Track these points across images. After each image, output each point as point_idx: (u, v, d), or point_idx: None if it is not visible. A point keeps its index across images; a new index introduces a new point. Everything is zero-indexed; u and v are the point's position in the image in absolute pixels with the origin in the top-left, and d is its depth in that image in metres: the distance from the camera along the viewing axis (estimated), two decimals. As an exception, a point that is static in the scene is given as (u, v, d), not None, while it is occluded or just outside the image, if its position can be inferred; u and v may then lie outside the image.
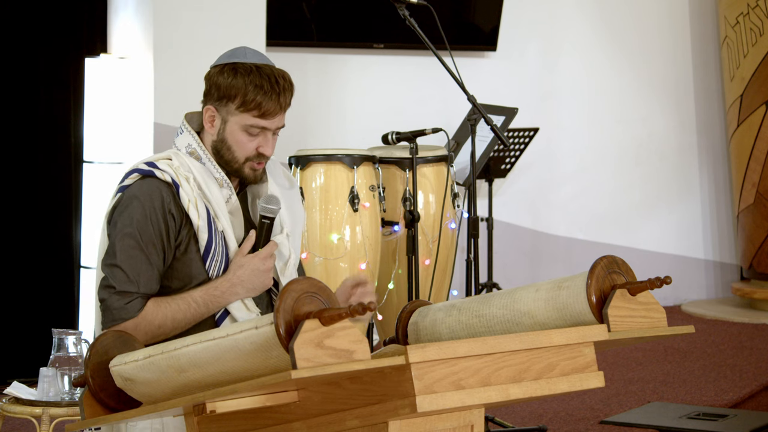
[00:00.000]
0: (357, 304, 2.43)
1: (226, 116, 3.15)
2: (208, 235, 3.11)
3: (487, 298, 2.94)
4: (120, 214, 3.10)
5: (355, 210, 5.16)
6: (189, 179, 3.12)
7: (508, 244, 7.78)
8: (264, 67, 3.14)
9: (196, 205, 3.11)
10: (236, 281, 3.12)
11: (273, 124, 3.15)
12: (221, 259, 3.13)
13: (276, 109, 3.13)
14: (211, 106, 3.16)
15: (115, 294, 3.05)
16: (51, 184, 6.25)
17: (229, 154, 3.17)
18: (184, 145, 3.20)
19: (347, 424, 2.55)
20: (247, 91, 3.10)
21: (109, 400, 2.85)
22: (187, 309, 3.09)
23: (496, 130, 4.93)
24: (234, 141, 3.15)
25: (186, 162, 3.15)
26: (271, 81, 3.11)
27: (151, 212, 3.07)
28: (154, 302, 3.08)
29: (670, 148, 8.34)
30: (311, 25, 7.21)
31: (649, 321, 2.86)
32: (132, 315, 3.05)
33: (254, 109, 3.11)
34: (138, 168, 3.13)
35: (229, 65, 3.14)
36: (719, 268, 8.48)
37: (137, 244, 3.06)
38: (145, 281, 3.07)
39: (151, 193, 3.09)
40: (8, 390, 4.31)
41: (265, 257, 3.16)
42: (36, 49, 6.19)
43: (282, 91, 3.13)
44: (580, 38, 8.05)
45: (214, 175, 3.17)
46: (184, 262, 3.12)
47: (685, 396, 5.82)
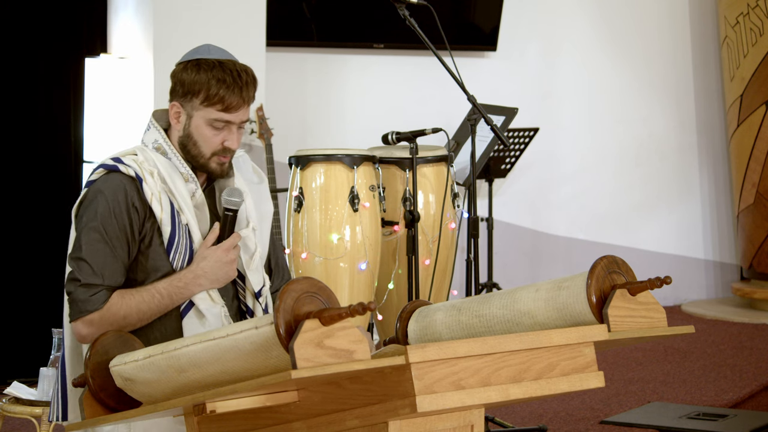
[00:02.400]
0: (357, 304, 2.43)
1: (191, 111, 3.20)
2: (171, 228, 3.16)
3: (487, 298, 2.94)
4: (85, 209, 3.16)
5: (355, 210, 5.15)
6: (153, 173, 3.18)
7: (508, 244, 7.78)
8: (227, 62, 3.19)
9: (160, 198, 3.16)
10: (200, 273, 3.17)
11: (237, 118, 3.20)
12: (185, 251, 3.18)
13: (239, 102, 3.18)
14: (177, 102, 3.22)
15: (80, 287, 3.11)
16: (51, 184, 6.25)
17: (195, 149, 3.22)
18: (150, 141, 3.26)
19: (347, 424, 2.55)
20: (210, 85, 3.16)
21: (109, 400, 2.86)
22: (151, 300, 3.14)
23: (496, 130, 4.93)
24: (199, 136, 3.20)
25: (151, 157, 3.21)
26: (234, 75, 3.17)
27: (115, 206, 3.13)
28: (119, 294, 3.13)
29: (670, 148, 8.34)
30: (311, 25, 7.21)
31: (649, 321, 2.86)
32: (97, 307, 3.10)
33: (218, 103, 3.17)
34: (104, 163, 3.19)
35: (193, 61, 3.20)
36: (719, 268, 8.47)
37: (102, 237, 3.12)
38: (110, 274, 3.12)
39: (114, 187, 3.15)
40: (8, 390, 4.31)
41: (228, 249, 3.20)
42: (36, 49, 6.19)
43: (244, 84, 3.18)
44: (580, 38, 8.05)
45: (180, 169, 3.22)
46: (148, 254, 3.17)
47: (685, 396, 5.82)
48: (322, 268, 5.13)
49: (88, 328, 3.11)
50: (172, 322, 3.17)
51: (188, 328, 3.16)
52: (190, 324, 3.16)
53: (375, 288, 5.27)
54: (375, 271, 5.22)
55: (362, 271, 5.15)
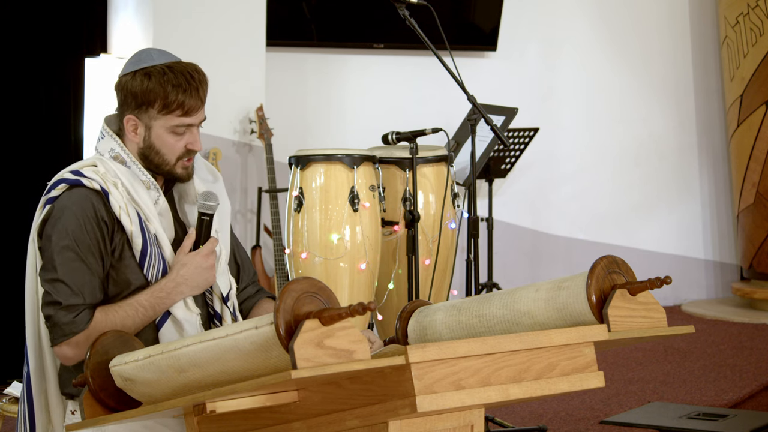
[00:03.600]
0: (357, 304, 2.43)
1: (149, 122, 3.11)
2: (143, 239, 3.09)
3: (487, 298, 2.94)
4: (53, 227, 3.06)
5: (355, 210, 5.15)
6: (117, 185, 3.09)
7: (508, 244, 7.78)
8: (175, 65, 3.11)
9: (127, 210, 3.08)
10: (180, 280, 3.11)
11: (197, 119, 3.13)
12: (158, 261, 3.11)
13: (197, 104, 3.11)
14: (131, 115, 3.12)
15: (61, 309, 3.02)
16: (51, 184, 6.25)
17: (159, 158, 3.14)
18: (107, 150, 3.16)
19: (347, 424, 2.55)
20: (167, 92, 3.07)
21: (109, 400, 2.85)
22: (135, 314, 3.07)
23: (496, 130, 4.93)
24: (162, 144, 3.12)
25: (111, 167, 3.12)
26: (187, 77, 3.09)
27: (85, 221, 3.04)
28: (102, 311, 3.06)
29: (670, 148, 8.34)
30: (311, 25, 7.21)
31: (649, 321, 2.86)
32: (82, 328, 3.02)
33: (177, 109, 3.09)
34: (64, 178, 3.10)
35: (140, 71, 3.10)
36: (719, 268, 8.47)
37: (76, 255, 3.03)
38: (90, 291, 3.04)
39: (81, 202, 3.05)
40: (8, 390, 4.31)
41: (207, 254, 3.15)
42: (36, 49, 6.19)
43: (199, 84, 3.11)
44: (580, 38, 8.05)
45: (141, 178, 3.14)
46: (120, 268, 3.09)
47: (685, 396, 5.82)
48: (322, 268, 5.13)
49: (74, 350, 3.03)
50: (148, 333, 3.11)
51: (165, 338, 3.09)
52: (167, 334, 3.10)
53: (375, 288, 5.27)
54: (375, 271, 5.22)
55: (362, 271, 5.14)
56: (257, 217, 6.93)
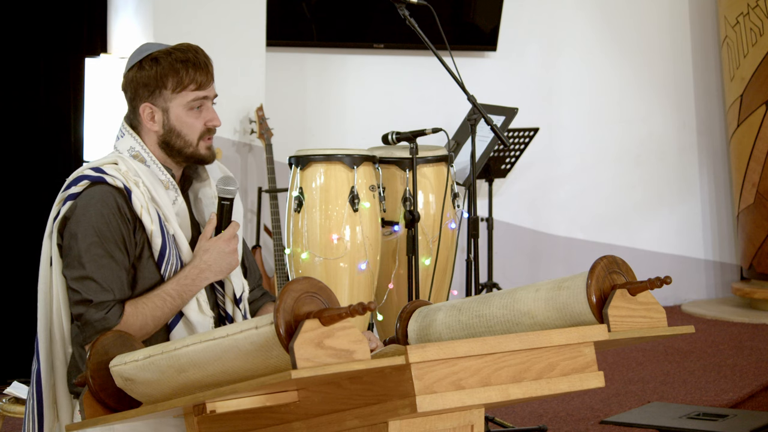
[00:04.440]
0: (357, 304, 2.43)
1: (165, 104, 3.14)
2: (162, 239, 3.10)
3: (487, 298, 2.94)
4: (78, 225, 3.06)
5: (355, 210, 5.15)
6: (139, 184, 3.10)
7: (508, 244, 7.78)
8: (177, 46, 3.15)
9: (148, 209, 3.09)
10: (204, 266, 3.12)
11: (210, 92, 3.17)
12: (176, 262, 3.12)
13: (208, 77, 3.15)
14: (146, 103, 3.14)
15: (92, 307, 3.02)
16: (51, 184, 6.25)
17: (181, 141, 3.16)
18: (126, 149, 3.17)
19: (347, 424, 2.55)
20: (177, 69, 3.11)
21: (109, 400, 2.85)
22: (164, 304, 3.08)
23: (496, 130, 4.93)
24: (183, 124, 3.15)
25: (132, 166, 3.13)
26: (193, 53, 3.13)
27: (110, 216, 3.05)
28: (132, 305, 3.06)
29: (670, 148, 8.34)
30: (311, 25, 7.21)
31: (649, 321, 2.86)
32: (114, 323, 3.02)
33: (190, 83, 3.12)
34: (86, 175, 3.11)
35: (146, 58, 3.14)
36: (719, 268, 8.47)
37: (104, 251, 3.04)
38: (119, 287, 3.05)
39: (105, 198, 3.06)
40: (8, 390, 4.31)
41: (228, 239, 3.16)
42: (36, 49, 6.19)
43: (205, 59, 3.15)
44: (580, 38, 8.05)
45: (160, 177, 3.15)
46: (139, 267, 3.10)
47: (685, 396, 5.82)
48: (322, 268, 5.13)
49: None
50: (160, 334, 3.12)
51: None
52: (178, 336, 3.10)
53: (375, 288, 5.27)
54: (375, 271, 5.22)
55: (362, 271, 5.14)
56: (257, 217, 6.93)
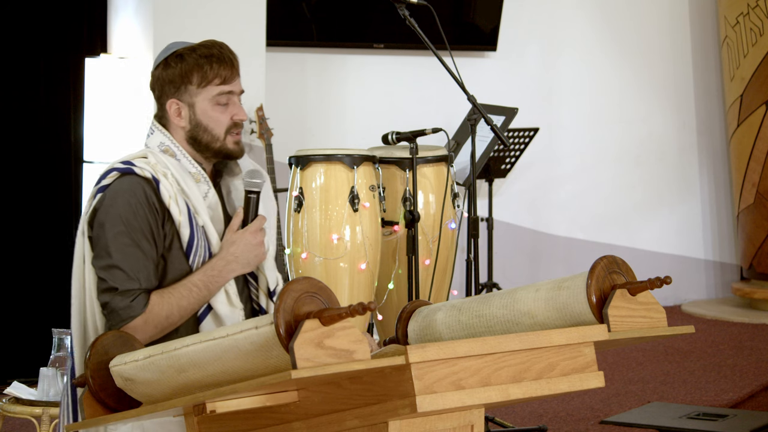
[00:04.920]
0: (357, 304, 2.43)
1: (191, 99, 3.18)
2: (190, 230, 3.12)
3: (487, 298, 2.94)
4: (106, 214, 3.08)
5: (355, 210, 5.15)
6: (167, 175, 3.13)
7: (508, 244, 7.78)
8: (202, 42, 3.20)
9: (176, 200, 3.12)
10: (231, 258, 3.14)
11: (236, 87, 3.20)
12: (204, 253, 3.14)
13: (233, 71, 3.19)
14: (173, 99, 3.19)
15: (117, 295, 3.04)
16: (51, 184, 6.25)
17: (208, 135, 3.19)
18: (156, 144, 3.22)
19: (347, 424, 2.55)
20: (201, 64, 3.15)
21: (109, 400, 2.85)
22: (189, 294, 3.09)
23: (496, 130, 4.93)
24: (208, 119, 3.18)
25: (162, 159, 3.17)
26: (217, 48, 3.18)
27: (138, 207, 3.08)
28: (158, 294, 3.08)
29: (670, 148, 8.34)
30: (311, 25, 7.21)
31: (649, 321, 2.86)
32: (139, 312, 3.04)
33: (215, 77, 3.16)
34: (115, 167, 3.14)
35: (171, 56, 3.19)
36: (719, 268, 8.47)
37: (131, 240, 3.06)
38: (145, 276, 3.07)
39: (133, 188, 3.09)
40: (8, 390, 4.31)
41: (255, 231, 3.18)
42: (36, 49, 6.19)
43: (230, 53, 3.20)
44: (580, 38, 8.05)
45: (190, 170, 3.18)
46: (168, 258, 3.12)
47: (685, 396, 5.82)
48: (322, 268, 5.13)
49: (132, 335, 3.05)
50: (189, 328, 3.13)
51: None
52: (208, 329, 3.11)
53: (375, 288, 5.27)
54: (375, 271, 5.22)
55: (362, 271, 5.14)
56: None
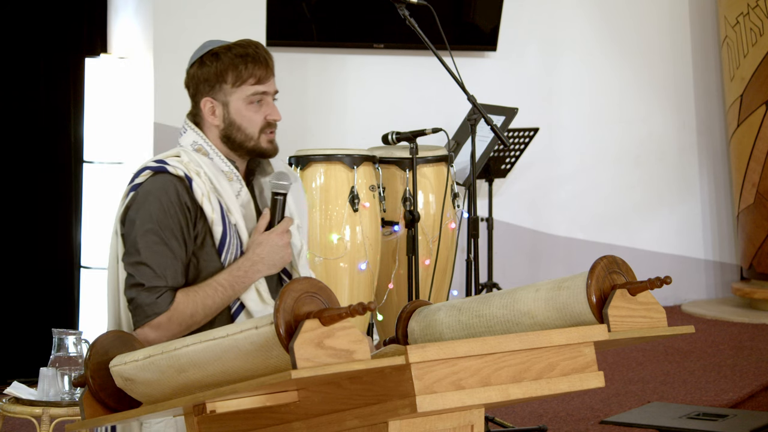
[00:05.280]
0: (357, 304, 2.43)
1: (226, 98, 3.20)
2: (223, 228, 3.15)
3: (487, 298, 2.94)
4: (137, 212, 3.12)
5: (355, 210, 5.16)
6: (200, 174, 3.16)
7: (508, 244, 7.78)
8: (238, 41, 3.23)
9: (209, 198, 3.14)
10: (257, 259, 3.16)
11: (270, 88, 3.23)
12: (236, 250, 3.17)
13: (267, 72, 3.22)
14: (207, 97, 3.21)
15: (144, 291, 3.07)
16: (51, 184, 6.25)
17: (241, 134, 3.21)
18: (189, 143, 3.24)
19: (347, 424, 2.55)
20: (236, 64, 3.18)
21: (109, 400, 2.85)
22: (215, 294, 3.12)
23: (496, 130, 4.93)
24: (242, 118, 3.20)
25: (195, 158, 3.19)
26: (253, 48, 3.21)
27: (169, 206, 3.10)
28: (183, 293, 3.10)
29: (670, 148, 8.34)
30: (311, 24, 7.21)
31: (649, 321, 2.86)
32: (164, 309, 3.07)
33: (249, 77, 3.19)
34: (148, 165, 3.17)
35: (206, 54, 3.22)
36: (719, 268, 8.47)
37: (160, 239, 3.09)
38: (172, 274, 3.10)
39: (165, 187, 3.12)
40: (8, 390, 4.31)
41: (281, 233, 3.20)
42: (36, 49, 6.19)
43: (266, 54, 3.23)
44: (580, 38, 8.05)
45: (223, 169, 3.21)
46: (201, 256, 3.15)
47: (685, 396, 5.82)
48: (322, 268, 5.13)
49: (155, 332, 3.07)
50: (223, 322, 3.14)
51: None
52: None
53: (375, 288, 5.27)
54: (375, 271, 5.22)
55: (362, 271, 5.15)
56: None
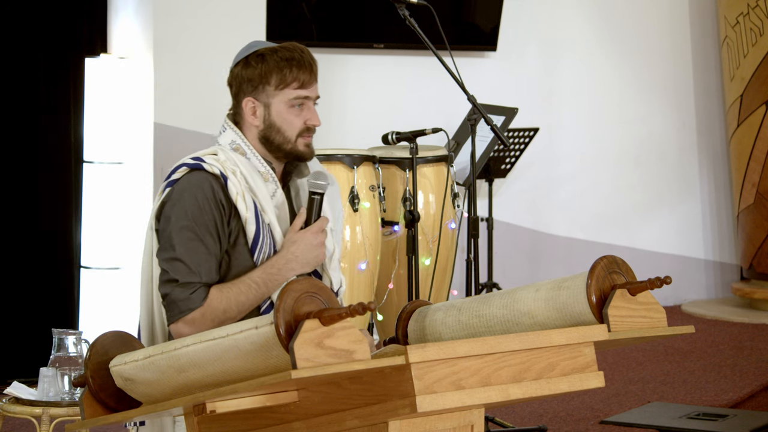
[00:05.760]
0: (357, 304, 2.43)
1: (268, 100, 3.23)
2: (256, 227, 3.16)
3: (487, 298, 2.94)
4: (172, 208, 3.14)
5: (355, 210, 5.16)
6: (236, 172, 3.18)
7: (508, 244, 7.78)
8: (285, 44, 3.26)
9: (244, 197, 3.16)
10: (291, 257, 3.17)
11: (312, 93, 3.25)
12: (268, 250, 3.18)
13: (311, 77, 3.24)
14: (250, 97, 3.24)
15: (178, 287, 3.09)
16: (51, 184, 6.25)
17: (280, 136, 3.23)
18: (227, 142, 3.26)
19: (347, 424, 2.55)
20: (281, 67, 3.21)
21: (109, 400, 2.85)
22: (248, 290, 3.13)
23: (496, 130, 4.93)
24: (282, 121, 3.22)
25: (232, 157, 3.21)
26: (298, 53, 3.24)
27: (204, 202, 3.13)
28: (217, 289, 3.12)
29: (670, 148, 8.34)
30: (311, 24, 7.21)
31: (649, 321, 2.86)
32: (198, 304, 3.09)
33: (293, 81, 3.21)
34: (185, 162, 3.19)
35: (252, 55, 3.25)
36: (719, 268, 8.47)
37: (195, 235, 3.11)
38: (207, 271, 3.11)
39: (201, 184, 3.14)
40: (8, 390, 4.31)
41: (316, 232, 3.21)
42: (36, 49, 6.19)
43: (311, 59, 3.26)
44: (580, 38, 8.05)
45: (259, 169, 3.23)
46: (233, 254, 3.16)
47: (685, 396, 5.82)
48: (322, 268, 5.12)
49: (189, 327, 3.08)
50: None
51: None
52: None
53: (375, 288, 5.27)
54: (375, 271, 5.22)
55: (362, 271, 5.15)
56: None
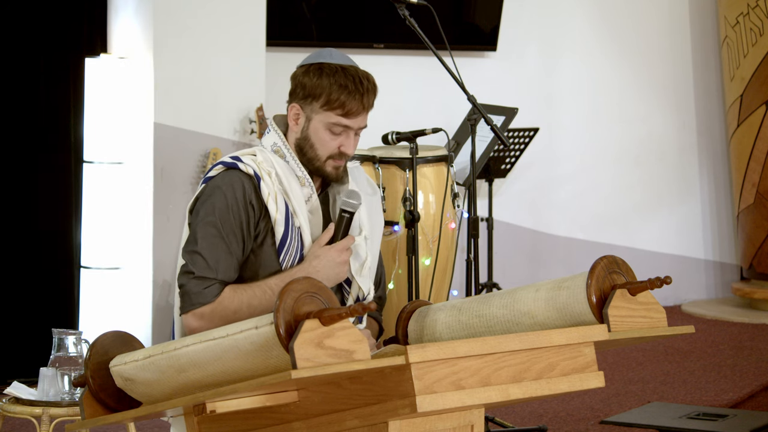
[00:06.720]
0: (357, 304, 2.43)
1: (311, 114, 3.23)
2: (285, 228, 3.17)
3: (487, 298, 2.94)
4: (203, 204, 3.17)
5: (355, 210, 5.14)
6: (271, 174, 3.19)
7: (508, 244, 7.78)
8: (349, 68, 3.26)
9: (276, 198, 3.17)
10: (312, 271, 3.17)
11: (356, 124, 3.25)
12: (296, 253, 3.19)
13: (359, 108, 3.23)
14: (297, 104, 3.25)
15: (193, 279, 3.10)
16: (51, 184, 6.25)
17: (312, 152, 3.24)
18: (269, 144, 3.28)
19: (347, 424, 2.55)
20: (332, 90, 3.21)
21: (109, 400, 2.86)
22: (263, 295, 3.13)
23: (496, 130, 4.93)
24: (317, 139, 3.23)
25: (269, 158, 3.23)
26: (356, 81, 3.23)
27: (233, 202, 3.14)
28: (231, 288, 3.13)
29: (670, 148, 8.34)
30: (311, 25, 7.21)
31: (649, 321, 2.86)
32: (209, 300, 3.10)
33: (338, 108, 3.21)
34: (223, 161, 3.22)
35: (315, 65, 3.27)
36: (719, 268, 8.47)
37: (218, 232, 3.13)
38: (224, 269, 3.12)
39: (233, 183, 3.16)
40: (8, 390, 4.31)
41: (341, 249, 3.21)
42: (36, 49, 6.18)
43: (366, 91, 3.25)
44: (580, 38, 8.05)
45: (297, 173, 3.24)
46: (259, 254, 3.17)
47: (685, 396, 5.82)
48: (322, 268, 5.12)
49: (198, 321, 3.09)
50: None
51: None
52: None
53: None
54: (375, 271, 5.21)
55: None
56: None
